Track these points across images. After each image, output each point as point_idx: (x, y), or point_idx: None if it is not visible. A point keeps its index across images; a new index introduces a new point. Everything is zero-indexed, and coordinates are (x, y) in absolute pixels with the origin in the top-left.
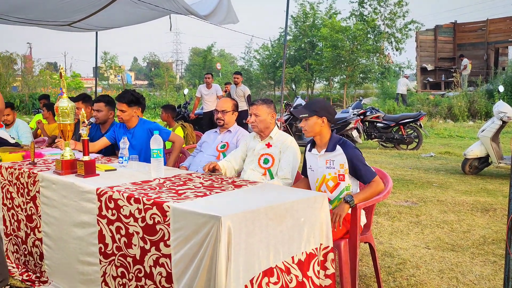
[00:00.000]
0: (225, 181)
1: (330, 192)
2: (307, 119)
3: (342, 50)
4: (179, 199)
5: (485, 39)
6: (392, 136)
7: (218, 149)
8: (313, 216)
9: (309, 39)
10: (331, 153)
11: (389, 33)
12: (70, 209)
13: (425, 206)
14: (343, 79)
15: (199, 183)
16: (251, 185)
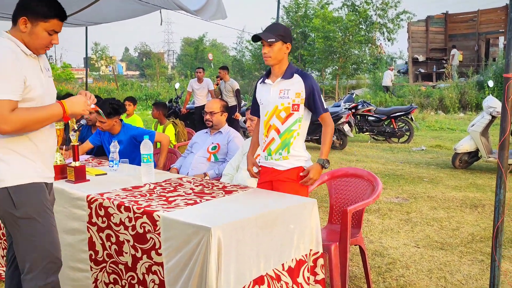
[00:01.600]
0: (216, 187)
1: (281, 123)
2: (272, 45)
3: (334, 41)
4: (170, 207)
5: (476, 29)
6: (383, 129)
7: (209, 151)
8: (303, 222)
9: (301, 29)
10: (287, 80)
11: (381, 24)
12: (60, 216)
13: (415, 202)
14: (335, 70)
15: (189, 189)
16: (242, 190)
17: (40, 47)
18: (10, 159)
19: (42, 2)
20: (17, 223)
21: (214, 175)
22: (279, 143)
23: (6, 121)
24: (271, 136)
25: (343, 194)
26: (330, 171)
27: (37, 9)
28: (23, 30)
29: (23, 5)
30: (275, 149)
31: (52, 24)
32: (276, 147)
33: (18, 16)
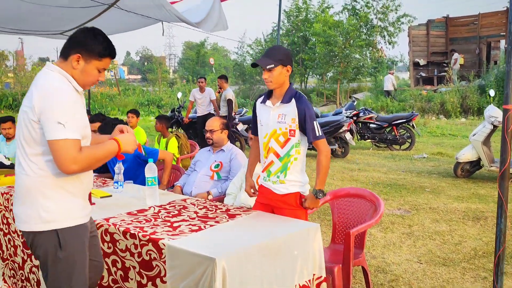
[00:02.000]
0: (219, 210)
1: (280, 147)
2: (272, 70)
3: (335, 46)
4: (174, 234)
5: (477, 33)
6: (385, 136)
7: (212, 169)
8: (306, 248)
9: (302, 33)
10: (285, 105)
11: (382, 27)
12: None
13: (417, 214)
14: (336, 75)
15: (193, 213)
16: (245, 214)
17: (88, 84)
18: (59, 197)
19: (98, 40)
20: (56, 263)
21: (217, 193)
22: (279, 166)
23: (76, 161)
24: (270, 158)
25: (345, 214)
26: (333, 190)
27: (92, 47)
28: (75, 66)
29: (78, 42)
30: (275, 172)
31: (104, 62)
32: (275, 170)
33: (71, 52)
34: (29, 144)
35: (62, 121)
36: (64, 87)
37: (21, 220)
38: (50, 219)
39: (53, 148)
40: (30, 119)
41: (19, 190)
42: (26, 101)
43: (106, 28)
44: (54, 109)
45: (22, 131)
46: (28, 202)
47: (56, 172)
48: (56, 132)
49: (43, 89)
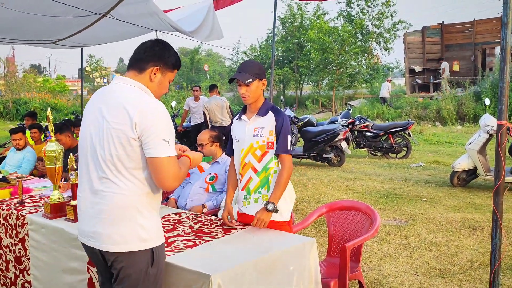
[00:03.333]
0: (215, 224)
1: (257, 162)
2: (250, 84)
3: (330, 53)
4: (169, 250)
5: (472, 39)
6: (381, 145)
7: (206, 181)
8: (302, 263)
9: (297, 40)
10: (262, 118)
11: (377, 33)
12: (60, 255)
13: (414, 225)
14: (332, 82)
15: (188, 227)
16: (241, 229)
17: (159, 96)
18: (151, 215)
19: (172, 51)
20: (146, 280)
21: (212, 206)
22: (257, 181)
23: (178, 178)
24: (248, 174)
25: (341, 226)
26: (328, 203)
27: (169, 59)
28: (153, 79)
29: (157, 55)
30: (254, 188)
31: (174, 74)
32: (255, 186)
33: (149, 65)
34: (123, 162)
35: (166, 138)
36: (160, 103)
37: (114, 241)
38: (148, 238)
39: (157, 165)
40: (128, 137)
41: (111, 211)
42: (114, 118)
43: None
44: (158, 126)
45: (115, 149)
46: (123, 222)
47: (151, 190)
48: (162, 149)
49: (142, 106)
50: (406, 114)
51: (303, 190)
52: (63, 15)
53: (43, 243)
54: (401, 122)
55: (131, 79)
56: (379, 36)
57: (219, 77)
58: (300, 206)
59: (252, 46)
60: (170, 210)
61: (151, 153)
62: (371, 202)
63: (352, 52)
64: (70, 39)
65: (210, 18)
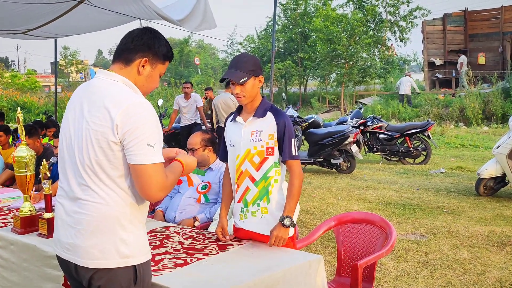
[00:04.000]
0: (208, 239)
1: (256, 170)
2: (245, 83)
3: (338, 44)
4: (157, 270)
5: (500, 28)
6: (396, 148)
7: (198, 190)
8: (308, 284)
9: (301, 29)
10: (259, 119)
11: (392, 22)
12: (32, 275)
13: (434, 240)
14: (340, 76)
15: (178, 243)
16: (238, 245)
17: (148, 92)
18: (135, 229)
19: (162, 41)
20: None
21: (205, 219)
22: (255, 192)
23: (164, 187)
24: (245, 184)
25: (352, 242)
26: (337, 215)
27: (160, 50)
28: (141, 72)
29: (146, 44)
30: (252, 200)
31: (165, 66)
32: (253, 198)
33: (136, 55)
34: (104, 168)
35: (152, 143)
36: (147, 102)
37: (93, 256)
38: (130, 254)
39: (141, 174)
40: (108, 140)
41: (90, 222)
42: (93, 118)
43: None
44: (142, 129)
45: (95, 153)
46: (103, 235)
47: (135, 200)
48: (146, 155)
49: (124, 105)
50: (425, 114)
51: (308, 200)
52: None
53: (12, 262)
54: (419, 123)
55: (115, 73)
56: (394, 25)
57: (212, 72)
58: (305, 219)
59: (249, 36)
60: (157, 224)
61: (133, 160)
62: (385, 214)
63: (363, 43)
64: (42, 29)
65: (202, 5)
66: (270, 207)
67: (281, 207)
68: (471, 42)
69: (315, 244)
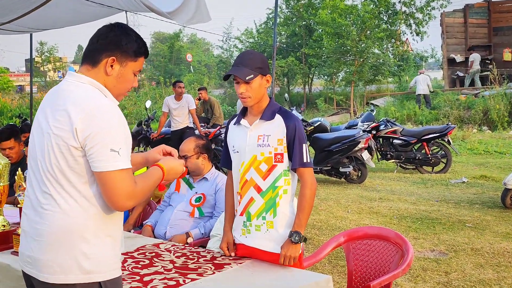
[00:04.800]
0: (203, 258)
1: (262, 179)
2: (251, 82)
3: (347, 39)
4: None
5: None
6: (413, 155)
7: (192, 203)
8: None
9: (305, 22)
10: (267, 123)
11: (407, 13)
12: None
13: (456, 258)
14: (349, 75)
15: (169, 262)
16: (236, 264)
17: (123, 93)
18: (100, 243)
19: (131, 36)
20: None
21: (199, 235)
22: (261, 204)
23: (132, 195)
24: (249, 195)
25: (364, 260)
26: (347, 231)
27: (128, 46)
28: (109, 73)
29: (112, 42)
30: (256, 212)
31: (139, 63)
32: (257, 210)
33: (102, 55)
34: (65, 175)
35: (116, 148)
36: (111, 103)
37: (52, 270)
38: (93, 270)
39: (105, 181)
40: (69, 145)
41: (50, 234)
42: (54, 122)
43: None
44: (104, 133)
45: (56, 159)
46: (63, 248)
47: (101, 210)
48: (109, 161)
49: (86, 108)
50: (444, 116)
51: (314, 213)
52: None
53: None
54: (438, 127)
55: (82, 75)
56: (410, 17)
57: (206, 70)
58: (311, 234)
59: (247, 30)
60: (146, 240)
61: (97, 167)
62: (401, 229)
63: (375, 37)
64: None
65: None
66: (276, 221)
67: (290, 222)
68: (496, 36)
69: (322, 263)
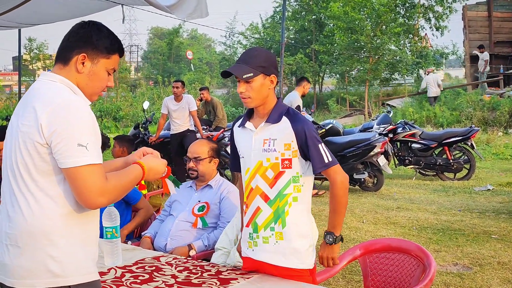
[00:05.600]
0: (207, 272)
1: (269, 186)
2: (251, 81)
3: (361, 34)
4: None
5: None
6: (433, 161)
7: (194, 213)
8: None
9: (315, 16)
10: (273, 126)
11: (426, 6)
12: None
13: (481, 272)
14: (364, 73)
15: (170, 277)
16: (243, 279)
17: (97, 92)
18: (69, 246)
19: (103, 33)
20: None
21: (202, 247)
22: (269, 213)
23: (104, 191)
24: (255, 204)
25: (382, 275)
26: (364, 243)
27: (98, 42)
28: (80, 70)
29: (82, 39)
30: (264, 223)
31: (113, 60)
32: (265, 220)
33: (73, 53)
34: (31, 174)
35: (83, 143)
36: (79, 99)
37: (19, 275)
38: (61, 273)
39: (74, 177)
40: (34, 141)
41: (15, 236)
42: (22, 119)
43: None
44: (71, 127)
45: (22, 158)
46: (29, 252)
47: (68, 210)
48: (77, 157)
49: (52, 104)
50: (467, 118)
51: (325, 224)
52: None
53: None
54: (460, 129)
55: (54, 73)
56: (429, 10)
57: (208, 68)
58: None
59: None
60: (145, 253)
61: (64, 163)
62: (421, 241)
63: (392, 32)
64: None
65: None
66: (286, 232)
67: (303, 232)
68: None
69: (335, 278)
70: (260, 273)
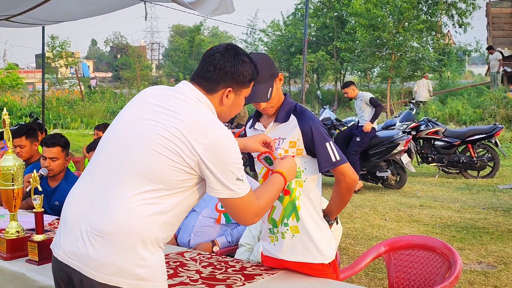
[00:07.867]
0: (231, 268)
1: None
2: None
3: (383, 31)
4: None
5: None
6: (457, 158)
7: (218, 209)
8: None
9: (337, 13)
10: (281, 125)
11: (449, 3)
12: None
13: (506, 271)
14: (386, 71)
15: (195, 272)
16: (267, 275)
17: (229, 118)
18: (156, 251)
19: (246, 63)
20: None
21: (226, 243)
22: (281, 209)
23: (259, 212)
24: None
25: (406, 273)
26: (388, 240)
27: (244, 75)
28: (225, 103)
29: (229, 74)
30: (280, 218)
31: (250, 87)
32: (280, 216)
33: (219, 85)
34: (152, 179)
35: (240, 176)
36: (231, 134)
37: (106, 271)
38: (148, 277)
39: (233, 206)
40: (182, 160)
41: (112, 233)
42: (165, 123)
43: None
44: (231, 164)
45: (149, 160)
46: (123, 251)
47: (170, 222)
48: (238, 190)
49: (212, 136)
50: (490, 116)
51: (348, 222)
52: None
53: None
54: (484, 127)
55: (200, 92)
56: (452, 7)
57: None
58: (345, 244)
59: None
60: (169, 249)
61: (222, 193)
62: (444, 239)
63: (414, 29)
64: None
65: None
66: (301, 225)
67: (317, 225)
68: None
69: (358, 276)
70: (284, 270)
